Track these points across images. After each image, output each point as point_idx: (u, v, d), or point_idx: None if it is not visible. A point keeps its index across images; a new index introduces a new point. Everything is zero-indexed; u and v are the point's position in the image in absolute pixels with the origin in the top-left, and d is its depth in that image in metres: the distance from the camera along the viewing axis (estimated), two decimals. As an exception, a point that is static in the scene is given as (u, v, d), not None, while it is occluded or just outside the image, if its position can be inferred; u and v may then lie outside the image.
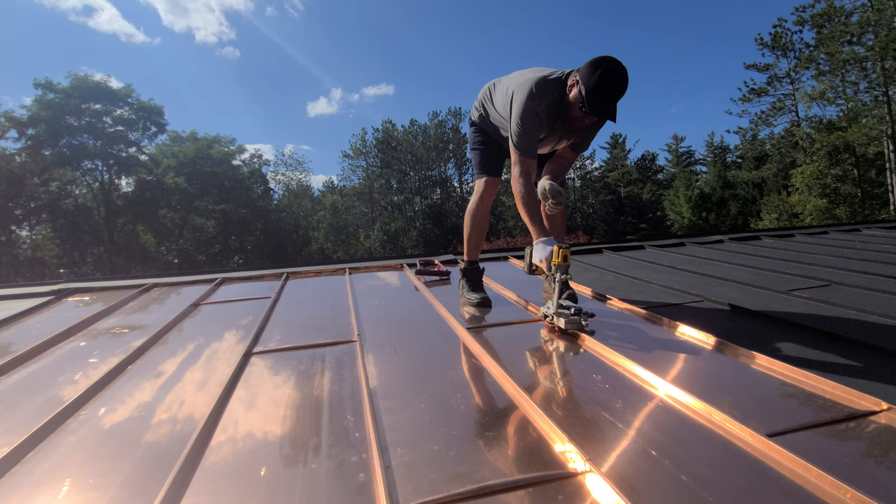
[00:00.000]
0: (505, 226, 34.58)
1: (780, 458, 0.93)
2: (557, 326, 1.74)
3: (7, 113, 22.13)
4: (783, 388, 1.28)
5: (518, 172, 1.91)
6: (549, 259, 1.75)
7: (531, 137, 1.90)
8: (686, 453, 0.99)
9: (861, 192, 21.79)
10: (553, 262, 1.73)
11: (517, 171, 1.91)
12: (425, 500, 0.86)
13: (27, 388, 1.53)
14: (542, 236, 1.82)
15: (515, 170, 1.92)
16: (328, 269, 3.40)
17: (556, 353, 1.63)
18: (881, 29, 19.00)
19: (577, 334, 1.70)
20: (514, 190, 1.91)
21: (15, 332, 2.21)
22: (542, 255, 1.78)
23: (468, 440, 1.06)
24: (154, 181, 26.80)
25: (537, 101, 1.86)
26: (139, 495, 0.93)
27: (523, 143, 1.90)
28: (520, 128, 1.88)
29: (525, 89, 1.87)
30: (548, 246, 1.78)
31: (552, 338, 1.76)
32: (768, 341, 1.61)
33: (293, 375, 1.51)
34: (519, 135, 1.89)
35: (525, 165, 1.91)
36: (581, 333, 1.68)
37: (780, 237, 4.24)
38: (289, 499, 0.90)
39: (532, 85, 1.86)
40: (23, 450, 1.11)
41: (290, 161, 38.04)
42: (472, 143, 2.31)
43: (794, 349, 1.53)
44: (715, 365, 1.45)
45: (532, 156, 1.93)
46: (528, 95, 1.86)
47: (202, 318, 2.33)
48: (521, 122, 1.87)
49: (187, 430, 1.18)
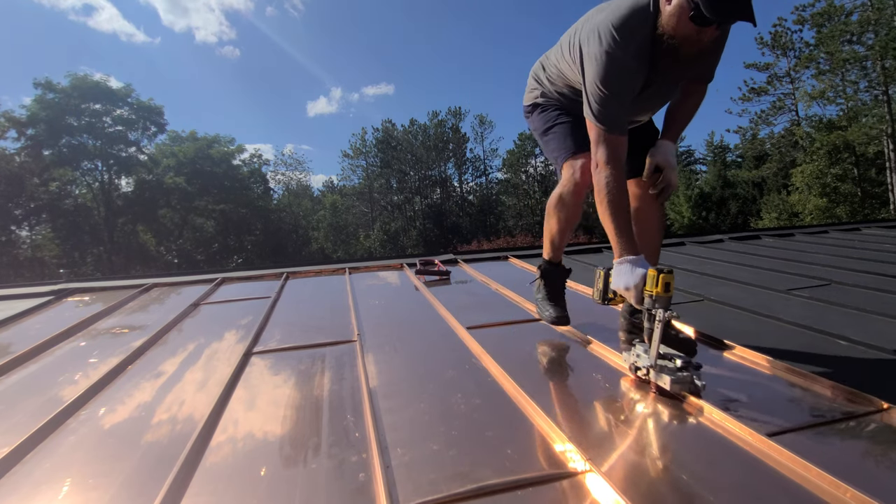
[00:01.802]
0: (505, 226, 34.59)
1: (780, 457, 0.93)
2: (656, 384, 1.24)
3: (6, 113, 22.13)
4: (783, 388, 1.28)
5: (603, 157, 1.40)
6: (639, 287, 1.27)
7: (620, 103, 1.38)
8: (686, 452, 0.99)
9: (861, 191, 21.79)
10: (649, 292, 1.24)
11: (602, 155, 1.40)
12: (425, 499, 0.86)
13: (27, 388, 1.53)
14: (629, 254, 1.33)
15: (599, 154, 1.41)
16: (328, 268, 3.40)
17: (556, 353, 1.63)
18: (881, 28, 19.01)
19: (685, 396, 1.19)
20: (595, 183, 1.43)
21: (15, 333, 2.21)
22: (630, 281, 1.28)
23: (468, 440, 1.06)
24: (154, 181, 26.79)
25: (623, 47, 1.32)
26: (139, 495, 0.93)
27: (609, 113, 1.38)
28: (603, 92, 1.36)
29: (601, 36, 1.34)
30: (637, 268, 1.28)
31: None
32: (768, 341, 1.61)
33: (293, 375, 1.51)
34: (602, 102, 1.37)
35: (612, 147, 1.39)
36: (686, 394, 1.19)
37: (780, 236, 4.24)
38: (289, 499, 0.90)
39: (610, 26, 1.32)
40: (23, 450, 1.11)
41: (290, 161, 38.09)
42: (543, 124, 1.75)
43: (794, 349, 1.53)
44: (714, 364, 1.45)
45: (622, 131, 1.41)
46: (608, 43, 1.32)
47: (202, 318, 2.33)
48: (603, 84, 1.35)
49: (187, 430, 1.18)
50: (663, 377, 1.20)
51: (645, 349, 1.27)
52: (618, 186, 1.38)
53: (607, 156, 1.40)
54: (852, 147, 20.95)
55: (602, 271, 1.46)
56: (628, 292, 1.30)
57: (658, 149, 1.55)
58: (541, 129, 1.77)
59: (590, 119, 1.43)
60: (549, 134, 1.74)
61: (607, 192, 1.38)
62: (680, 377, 1.19)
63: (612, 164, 1.39)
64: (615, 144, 1.40)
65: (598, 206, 1.42)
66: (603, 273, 1.45)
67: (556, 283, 1.87)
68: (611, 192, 1.38)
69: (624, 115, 1.42)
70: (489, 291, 2.52)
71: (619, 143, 1.41)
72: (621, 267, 1.33)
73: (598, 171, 1.42)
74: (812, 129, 22.81)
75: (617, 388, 1.31)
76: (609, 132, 1.40)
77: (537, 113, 1.79)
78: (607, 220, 1.39)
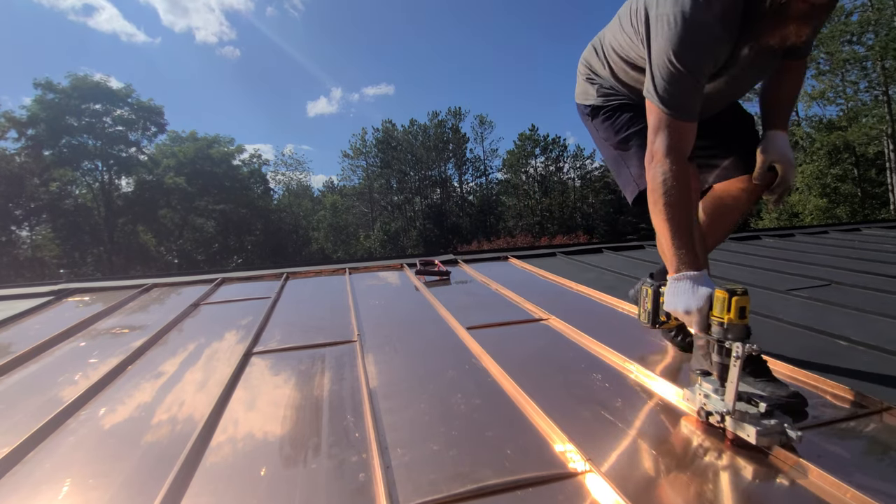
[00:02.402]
0: (505, 226, 34.60)
1: (780, 457, 0.93)
2: (733, 434, 0.98)
3: (7, 113, 22.17)
4: (783, 388, 1.28)
5: (662, 147, 1.13)
6: (703, 311, 1.03)
7: (694, 81, 1.10)
8: (686, 452, 0.99)
9: (861, 191, 21.81)
10: (718, 319, 0.99)
11: (661, 144, 1.14)
12: (425, 499, 0.86)
13: (27, 388, 1.53)
14: (690, 268, 1.08)
15: (658, 143, 1.15)
16: (328, 269, 3.40)
17: (556, 353, 1.63)
18: (881, 28, 19.03)
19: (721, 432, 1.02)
20: (650, 180, 1.16)
21: (15, 333, 2.21)
22: (692, 303, 1.04)
23: (468, 440, 1.06)
24: (154, 181, 26.81)
25: (707, 6, 1.04)
26: (139, 495, 0.93)
27: (678, 93, 1.11)
28: (673, 67, 1.08)
29: None
30: (701, 287, 1.04)
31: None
32: (768, 341, 1.61)
33: (293, 375, 1.51)
34: (671, 79, 1.09)
35: (676, 135, 1.13)
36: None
37: (780, 237, 4.24)
38: (289, 499, 0.90)
39: None
40: (23, 450, 1.11)
41: (290, 161, 38.20)
42: (614, 133, 1.43)
43: (794, 349, 1.53)
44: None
45: (691, 116, 1.14)
46: (689, 2, 1.05)
47: (202, 319, 2.34)
48: (676, 55, 1.07)
49: (187, 430, 1.18)
50: (745, 428, 0.94)
51: (715, 388, 1.01)
52: (678, 185, 1.11)
53: (667, 146, 1.12)
54: (852, 147, 20.96)
55: (650, 288, 1.18)
56: (688, 317, 1.05)
57: (770, 142, 1.26)
58: (611, 139, 1.43)
59: (651, 99, 1.15)
60: (627, 147, 1.39)
61: (664, 192, 1.11)
62: (768, 427, 0.92)
63: (673, 157, 1.12)
64: (680, 133, 1.13)
65: (651, 208, 1.17)
66: (651, 291, 1.18)
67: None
68: (669, 191, 1.11)
69: (697, 97, 1.13)
70: (489, 292, 2.52)
71: (686, 132, 1.14)
72: (679, 285, 1.08)
73: (654, 164, 1.15)
74: (812, 130, 22.80)
75: (617, 389, 1.30)
76: (676, 117, 1.12)
77: (601, 119, 1.46)
78: (662, 226, 1.13)
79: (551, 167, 36.55)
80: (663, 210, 1.13)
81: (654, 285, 1.18)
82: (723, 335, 0.97)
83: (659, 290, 1.17)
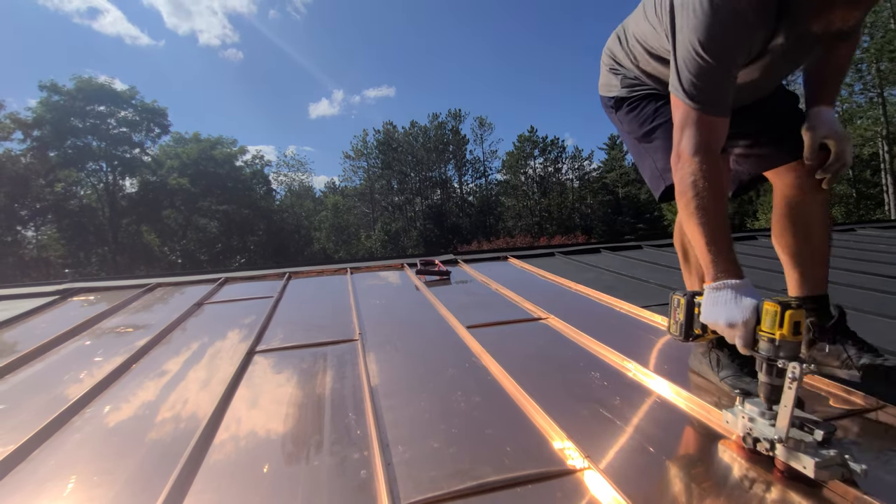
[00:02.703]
0: (504, 226, 34.59)
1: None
2: (784, 465, 0.87)
3: (12, 115, 22.29)
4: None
5: (690, 146, 1.04)
6: (749, 324, 0.91)
7: (725, 73, 1.01)
8: (684, 450, 1.00)
9: (856, 192, 21.77)
10: (766, 334, 0.88)
11: (688, 143, 1.04)
12: (425, 496, 0.87)
13: (32, 386, 1.55)
14: (731, 276, 0.97)
15: (685, 141, 1.05)
16: (330, 268, 3.42)
17: (555, 352, 1.63)
18: (877, 31, 19.01)
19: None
20: (678, 182, 1.07)
21: (21, 332, 2.23)
22: (736, 316, 0.92)
23: (468, 438, 1.07)
24: (158, 182, 26.93)
25: None
26: (143, 492, 0.94)
27: (706, 86, 1.02)
28: (700, 58, 1.00)
29: None
30: (745, 298, 0.93)
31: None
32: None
33: (295, 374, 1.52)
34: (699, 72, 1.01)
35: (705, 132, 1.03)
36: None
37: (781, 237, 4.22)
38: (291, 496, 0.91)
39: None
40: (28, 447, 1.12)
41: (293, 162, 38.31)
42: (639, 126, 1.34)
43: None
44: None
45: (722, 111, 1.04)
46: None
47: (205, 318, 2.35)
48: (703, 46, 0.98)
49: (191, 427, 1.19)
50: (802, 458, 0.82)
51: (762, 411, 0.90)
52: (710, 186, 1.01)
53: (696, 143, 1.02)
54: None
55: (683, 298, 1.06)
56: (732, 330, 0.93)
57: (817, 118, 1.16)
58: (636, 132, 1.34)
59: (677, 94, 1.06)
60: (651, 139, 1.29)
61: (695, 195, 1.01)
62: (827, 459, 0.80)
63: (703, 156, 1.02)
64: (710, 129, 1.03)
65: (681, 213, 1.07)
66: (685, 301, 1.06)
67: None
68: (700, 193, 1.01)
69: (729, 89, 1.03)
70: (489, 291, 2.53)
71: (716, 128, 1.04)
72: (718, 294, 0.96)
73: (682, 164, 1.05)
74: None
75: (616, 387, 1.31)
76: (705, 112, 1.02)
77: (625, 111, 1.37)
78: (696, 231, 1.02)
79: (550, 168, 36.57)
80: (695, 214, 1.02)
81: (686, 294, 1.06)
82: (774, 353, 0.86)
83: (693, 299, 1.05)
